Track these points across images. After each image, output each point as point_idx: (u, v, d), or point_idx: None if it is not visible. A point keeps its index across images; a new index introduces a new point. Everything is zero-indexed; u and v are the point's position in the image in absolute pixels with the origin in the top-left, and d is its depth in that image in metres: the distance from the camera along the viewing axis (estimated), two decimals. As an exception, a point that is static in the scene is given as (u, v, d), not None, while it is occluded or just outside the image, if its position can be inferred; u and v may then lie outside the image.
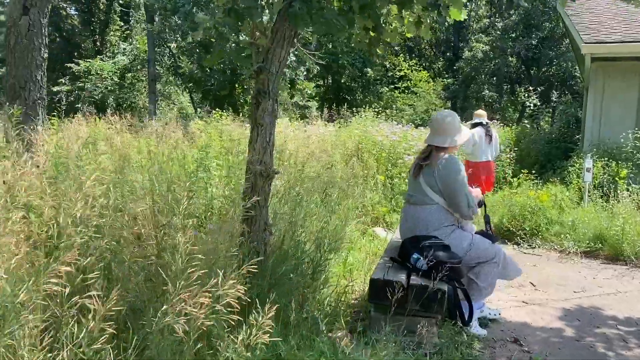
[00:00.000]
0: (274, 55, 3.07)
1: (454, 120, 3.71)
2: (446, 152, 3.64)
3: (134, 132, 7.99)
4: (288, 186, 4.71)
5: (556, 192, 7.09)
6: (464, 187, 3.56)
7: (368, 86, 23.92)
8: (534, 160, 9.53)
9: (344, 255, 4.72)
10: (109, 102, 24.11)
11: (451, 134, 3.66)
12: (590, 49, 8.28)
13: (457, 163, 3.61)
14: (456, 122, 3.72)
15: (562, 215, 6.67)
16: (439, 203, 3.60)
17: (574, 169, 7.74)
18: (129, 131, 8.41)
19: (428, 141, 3.71)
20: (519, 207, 6.77)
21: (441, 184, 3.56)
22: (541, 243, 6.46)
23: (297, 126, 8.62)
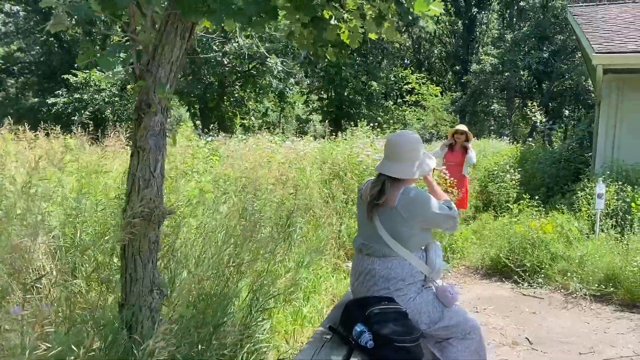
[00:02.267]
0: (163, 56, 2.27)
1: (419, 142, 2.87)
2: (405, 184, 2.80)
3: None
4: (232, 219, 3.90)
5: (562, 221, 6.19)
6: (442, 210, 2.75)
7: (372, 100, 23.12)
8: (540, 183, 8.62)
9: (298, 305, 3.88)
10: (107, 114, 23.58)
11: (416, 161, 2.83)
12: (602, 60, 7.40)
13: (421, 193, 2.78)
14: (421, 145, 2.88)
15: (569, 249, 5.76)
16: (401, 255, 2.75)
17: (583, 194, 6.83)
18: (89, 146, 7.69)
19: (383, 170, 2.86)
20: (519, 239, 5.89)
21: (411, 225, 2.72)
22: (544, 282, 5.56)
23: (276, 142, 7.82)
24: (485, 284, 5.69)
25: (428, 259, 2.86)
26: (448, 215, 2.80)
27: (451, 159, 7.50)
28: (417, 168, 2.83)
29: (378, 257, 2.79)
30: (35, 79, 30.21)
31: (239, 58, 13.10)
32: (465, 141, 7.38)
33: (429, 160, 2.91)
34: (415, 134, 2.91)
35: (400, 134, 2.90)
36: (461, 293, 5.33)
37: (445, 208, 2.80)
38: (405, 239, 2.75)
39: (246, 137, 7.72)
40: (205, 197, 3.95)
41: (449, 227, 2.89)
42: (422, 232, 2.80)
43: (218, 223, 3.48)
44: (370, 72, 22.43)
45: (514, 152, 10.39)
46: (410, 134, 2.88)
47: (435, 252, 2.89)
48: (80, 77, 22.40)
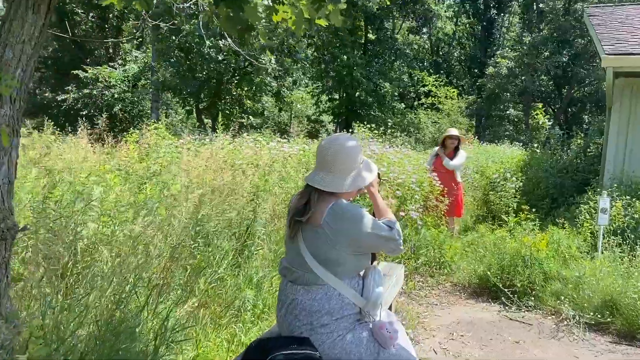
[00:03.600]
0: (11, 33, 1.83)
1: (355, 149, 2.39)
2: (336, 198, 2.33)
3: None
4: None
5: (560, 237, 5.63)
6: (379, 230, 2.28)
7: (383, 101, 22.53)
8: (543, 193, 8.01)
9: (238, 330, 3.41)
10: (116, 110, 23.40)
11: (350, 172, 2.35)
12: (613, 62, 6.80)
13: (353, 209, 2.30)
14: (358, 153, 2.40)
15: (566, 269, 5.21)
16: (329, 284, 2.28)
17: (586, 208, 6.25)
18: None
19: (310, 180, 2.39)
20: (510, 256, 5.35)
21: (340, 248, 2.25)
22: (534, 305, 5.02)
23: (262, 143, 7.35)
24: (470, 305, 5.16)
25: (364, 288, 2.39)
26: (387, 236, 2.32)
27: (440, 166, 7.01)
28: (352, 181, 2.35)
29: (301, 285, 2.32)
30: (51, 75, 30.30)
31: (233, 55, 12.71)
32: (457, 147, 6.89)
33: (366, 173, 2.43)
34: (353, 139, 2.42)
35: (333, 139, 2.41)
36: (440, 315, 4.85)
37: (384, 228, 2.32)
38: (333, 264, 2.27)
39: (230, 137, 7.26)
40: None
41: (389, 250, 2.42)
42: (356, 255, 2.32)
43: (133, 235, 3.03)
44: (383, 73, 21.84)
45: (520, 158, 9.79)
46: (344, 140, 2.39)
47: (374, 279, 2.41)
48: (91, 72, 22.25)
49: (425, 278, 5.75)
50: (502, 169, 8.90)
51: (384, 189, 5.84)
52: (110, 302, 2.64)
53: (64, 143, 6.43)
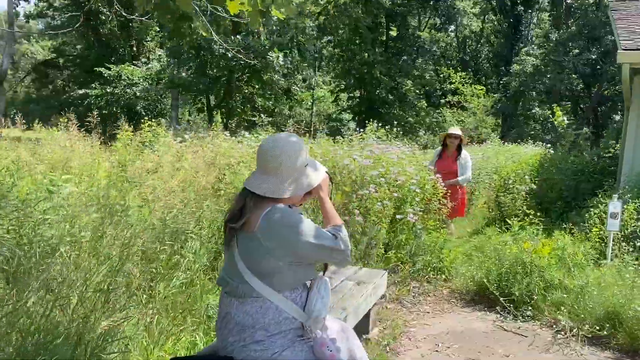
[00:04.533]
0: None
1: (297, 150, 2.19)
2: (274, 203, 2.14)
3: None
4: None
5: (565, 243, 5.31)
6: (321, 240, 2.10)
7: (405, 99, 22.17)
8: (557, 196, 7.65)
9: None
10: (138, 108, 23.64)
11: (290, 175, 2.16)
12: (629, 57, 6.42)
13: (290, 215, 2.11)
14: (300, 154, 2.20)
15: (569, 278, 4.90)
16: (265, 296, 2.10)
17: (596, 212, 5.91)
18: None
19: (247, 183, 2.20)
20: (509, 264, 5.07)
21: (276, 257, 2.07)
22: (533, 314, 4.74)
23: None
24: (465, 314, 4.91)
25: (307, 301, 2.20)
26: (330, 247, 2.13)
27: (442, 166, 6.76)
28: (291, 184, 2.16)
29: (236, 297, 2.15)
30: (78, 72, 30.85)
31: (242, 51, 12.62)
32: (459, 146, 6.62)
33: (310, 176, 2.22)
34: (293, 138, 2.22)
35: (271, 139, 2.22)
36: (430, 324, 4.62)
37: (327, 237, 2.13)
38: (269, 275, 2.09)
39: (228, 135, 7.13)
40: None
41: (334, 261, 2.23)
42: (296, 266, 2.13)
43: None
44: (404, 71, 21.48)
45: (532, 159, 9.39)
46: (285, 139, 2.20)
47: (318, 292, 2.22)
48: (114, 70, 22.50)
49: (422, 284, 5.50)
50: (516, 169, 8.56)
51: (338, 193, 5.57)
52: (47, 309, 2.51)
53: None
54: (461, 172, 6.67)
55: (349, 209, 5.57)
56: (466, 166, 6.68)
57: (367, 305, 3.52)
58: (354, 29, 19.85)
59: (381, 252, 5.24)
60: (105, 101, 23.21)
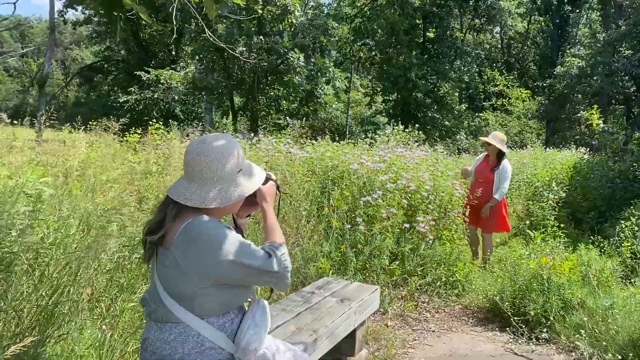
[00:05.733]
0: None
1: (226, 151, 1.90)
2: (200, 213, 1.86)
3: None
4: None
5: (590, 259, 4.82)
6: (250, 259, 1.80)
7: (443, 102, 21.55)
8: (590, 206, 7.06)
9: None
10: (177, 112, 23.89)
11: (216, 182, 1.88)
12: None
13: (209, 228, 1.81)
14: (230, 158, 1.91)
15: (592, 298, 4.43)
16: (185, 321, 1.82)
17: (629, 225, 5.37)
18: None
19: (169, 191, 1.93)
20: (525, 280, 4.63)
21: (195, 278, 1.79)
22: (549, 337, 4.29)
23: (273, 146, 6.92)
24: (474, 334, 4.50)
25: (238, 329, 1.91)
26: (260, 267, 1.83)
27: (479, 173, 6.19)
28: (219, 193, 1.87)
29: (155, 321, 1.88)
30: (122, 77, 31.59)
31: (264, 53, 12.43)
32: (499, 155, 6.02)
33: (242, 185, 1.92)
34: (224, 141, 1.93)
35: (200, 141, 1.93)
36: (432, 345, 4.24)
37: (256, 256, 1.83)
38: (188, 298, 1.81)
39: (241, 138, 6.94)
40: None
41: (268, 284, 1.93)
42: (223, 288, 1.84)
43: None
44: (442, 73, 20.87)
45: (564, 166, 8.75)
46: (210, 141, 1.90)
47: (252, 318, 1.93)
48: (153, 74, 22.80)
49: (432, 299, 5.11)
50: (549, 176, 8.01)
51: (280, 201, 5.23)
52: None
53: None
54: (496, 185, 6.04)
55: (351, 216, 5.26)
56: (504, 177, 5.99)
57: (349, 324, 3.20)
58: (390, 31, 19.44)
59: (385, 263, 4.88)
60: (144, 105, 23.58)
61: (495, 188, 5.90)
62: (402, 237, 5.24)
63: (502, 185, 5.86)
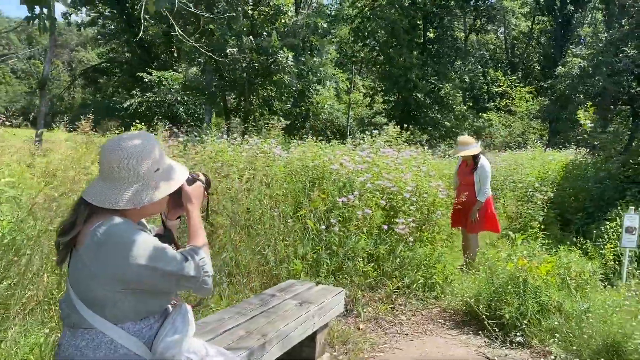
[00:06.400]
0: None
1: (142, 151, 1.83)
2: (111, 215, 1.80)
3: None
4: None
5: (570, 260, 4.73)
6: (163, 264, 1.73)
7: (443, 102, 21.42)
8: (580, 206, 6.94)
9: None
10: (179, 112, 23.91)
11: (131, 183, 1.81)
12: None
13: (119, 230, 1.74)
14: (147, 156, 1.84)
15: (570, 302, 4.33)
16: (97, 327, 1.75)
17: (612, 227, 5.27)
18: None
19: (84, 192, 1.87)
20: (501, 283, 4.54)
21: (104, 283, 1.72)
22: (523, 342, 4.20)
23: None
24: (449, 337, 4.41)
25: (157, 334, 1.84)
26: (175, 272, 1.75)
27: (460, 177, 6.17)
28: (134, 194, 1.80)
29: (68, 326, 1.82)
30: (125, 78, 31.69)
31: (255, 53, 12.36)
32: (475, 157, 5.95)
33: (159, 186, 1.85)
34: (139, 140, 1.85)
35: (115, 139, 1.86)
36: (403, 349, 4.16)
37: (171, 260, 1.76)
38: (100, 303, 1.74)
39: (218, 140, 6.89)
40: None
41: (186, 289, 1.87)
42: (138, 294, 1.77)
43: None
44: (442, 74, 20.74)
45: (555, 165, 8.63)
46: (126, 140, 1.83)
47: (172, 324, 1.87)
48: (155, 76, 22.82)
49: (410, 301, 5.03)
50: (539, 177, 7.90)
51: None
52: None
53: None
54: (478, 187, 5.94)
55: (328, 218, 5.18)
56: (484, 177, 5.89)
57: (306, 328, 3.13)
58: (390, 31, 19.34)
59: (360, 265, 4.80)
60: (146, 106, 23.61)
61: (478, 190, 5.82)
62: (380, 238, 5.16)
63: (484, 186, 5.79)
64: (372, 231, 5.20)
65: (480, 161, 5.85)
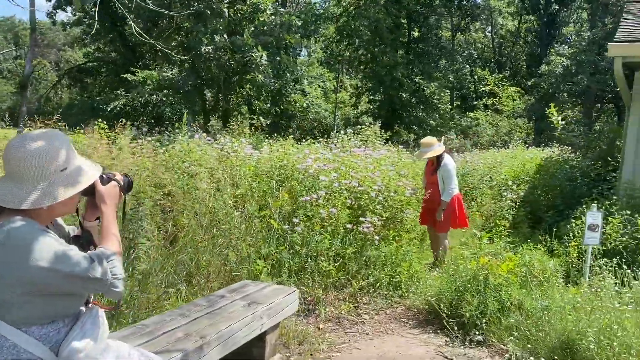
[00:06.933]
0: None
1: (48, 149, 1.78)
2: (19, 216, 1.75)
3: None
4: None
5: (532, 259, 4.72)
6: (66, 265, 1.68)
7: (428, 102, 21.44)
8: (550, 203, 6.96)
9: None
10: (164, 113, 23.74)
11: (41, 180, 1.76)
12: (620, 50, 5.75)
13: (19, 232, 1.68)
14: (54, 155, 1.79)
15: (530, 300, 4.33)
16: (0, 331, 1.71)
17: (578, 224, 5.28)
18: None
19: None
20: (463, 281, 4.53)
21: (5, 286, 1.67)
22: (483, 340, 4.19)
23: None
24: (410, 337, 4.39)
25: (65, 338, 1.80)
26: (77, 274, 1.70)
27: (426, 175, 6.20)
28: (41, 194, 1.74)
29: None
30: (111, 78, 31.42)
31: (229, 52, 12.30)
32: (439, 156, 5.96)
33: (67, 187, 1.80)
34: (49, 137, 1.80)
35: (21, 137, 1.81)
36: (361, 348, 4.13)
37: (75, 262, 1.70)
38: (5, 305, 1.68)
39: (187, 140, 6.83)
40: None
41: (96, 292, 1.84)
42: (44, 296, 1.72)
43: None
44: (427, 73, 20.76)
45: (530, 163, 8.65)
46: (36, 138, 1.77)
47: (81, 327, 1.82)
48: (139, 76, 22.64)
49: (375, 300, 5.01)
50: (513, 174, 7.91)
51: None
52: None
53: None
54: (441, 186, 5.94)
55: (290, 217, 5.16)
56: (447, 177, 5.89)
57: (252, 329, 3.09)
58: (374, 30, 19.33)
59: (323, 265, 4.77)
60: (131, 107, 23.42)
61: (442, 189, 5.82)
62: (346, 238, 5.14)
63: (448, 186, 5.79)
64: (338, 230, 5.18)
65: (443, 160, 5.85)
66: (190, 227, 4.77)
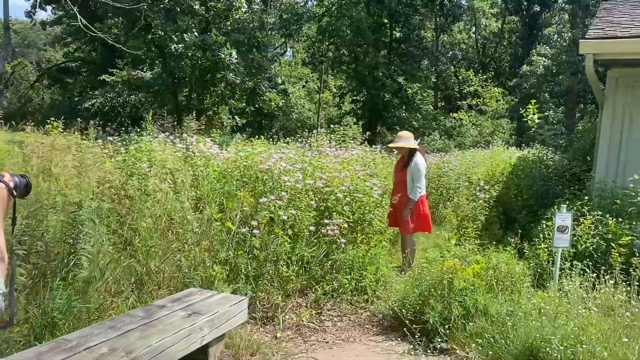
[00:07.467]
0: None
1: None
2: None
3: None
4: None
5: (499, 262, 4.56)
6: None
7: (410, 102, 21.31)
8: (524, 204, 6.82)
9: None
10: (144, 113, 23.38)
11: None
12: (591, 48, 5.62)
13: None
14: None
15: (497, 304, 4.16)
16: None
17: (549, 226, 5.14)
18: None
19: None
20: (427, 285, 4.35)
21: None
22: (447, 347, 4.01)
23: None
24: (373, 344, 4.21)
25: None
26: None
27: (395, 173, 6.05)
28: None
29: None
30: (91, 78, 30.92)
31: (200, 50, 12.06)
32: (410, 153, 5.81)
33: None
34: None
35: None
36: (320, 358, 3.94)
37: None
38: None
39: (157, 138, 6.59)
40: None
41: None
42: None
43: None
44: (409, 73, 20.63)
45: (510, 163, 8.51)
46: None
47: None
48: (118, 76, 22.25)
49: (339, 306, 4.82)
50: (487, 175, 7.77)
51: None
52: None
53: None
54: (410, 185, 5.78)
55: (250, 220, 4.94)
56: (417, 175, 5.72)
57: (191, 341, 2.88)
58: (355, 30, 19.17)
59: (283, 270, 4.57)
60: (109, 107, 23.03)
61: (410, 188, 5.66)
62: (309, 241, 4.94)
63: (416, 184, 5.62)
64: (302, 233, 4.98)
65: (414, 158, 5.70)
66: (145, 230, 4.54)
